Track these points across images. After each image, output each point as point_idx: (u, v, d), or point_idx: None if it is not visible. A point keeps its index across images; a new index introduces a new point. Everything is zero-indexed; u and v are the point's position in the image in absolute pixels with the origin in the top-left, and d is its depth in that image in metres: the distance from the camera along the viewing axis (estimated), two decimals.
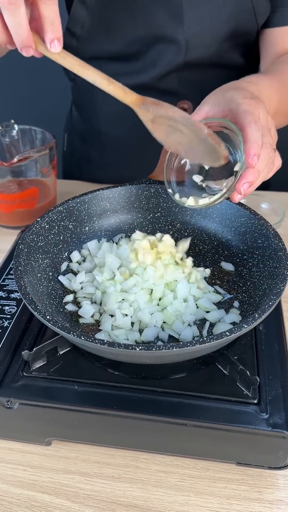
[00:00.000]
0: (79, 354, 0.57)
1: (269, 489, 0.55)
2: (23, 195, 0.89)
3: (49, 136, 0.92)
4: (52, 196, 0.93)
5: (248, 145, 0.52)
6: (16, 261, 0.56)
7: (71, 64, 0.52)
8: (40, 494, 0.55)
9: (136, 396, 0.52)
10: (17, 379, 0.55)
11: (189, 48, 0.84)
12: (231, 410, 0.51)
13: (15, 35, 0.49)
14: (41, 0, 0.48)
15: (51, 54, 0.51)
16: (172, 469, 0.56)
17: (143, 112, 0.54)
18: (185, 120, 0.53)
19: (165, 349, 0.45)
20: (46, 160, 0.88)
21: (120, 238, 0.70)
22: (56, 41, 0.50)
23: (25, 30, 0.49)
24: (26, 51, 0.51)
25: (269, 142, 0.55)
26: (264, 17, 0.84)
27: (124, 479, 0.56)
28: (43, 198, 0.92)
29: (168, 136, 0.55)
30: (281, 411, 0.51)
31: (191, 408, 0.52)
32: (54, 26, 0.49)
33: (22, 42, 0.49)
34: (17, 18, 0.47)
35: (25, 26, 0.48)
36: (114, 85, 0.53)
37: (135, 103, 0.54)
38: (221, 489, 0.55)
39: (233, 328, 0.47)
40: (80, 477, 0.56)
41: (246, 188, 0.53)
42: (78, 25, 0.86)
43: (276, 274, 0.55)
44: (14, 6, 0.47)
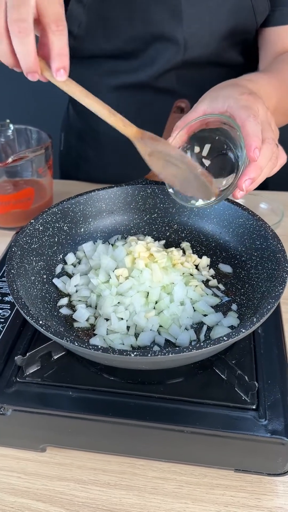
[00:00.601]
0: (74, 359, 0.56)
1: (268, 496, 0.53)
2: (19, 196, 0.88)
3: (44, 136, 0.90)
4: (48, 196, 0.92)
5: (248, 138, 0.52)
6: (9, 264, 0.55)
7: (74, 92, 0.53)
8: (35, 502, 0.53)
9: (132, 402, 0.51)
10: (10, 384, 0.53)
11: (188, 46, 0.83)
12: (229, 416, 0.50)
13: (22, 61, 0.50)
14: (50, 29, 0.49)
15: (56, 82, 0.52)
16: (169, 476, 0.55)
17: (141, 146, 0.55)
18: (181, 157, 0.55)
19: (161, 355, 0.44)
20: (42, 160, 0.87)
21: (116, 239, 0.69)
22: (62, 70, 0.51)
23: (32, 57, 0.49)
24: (32, 76, 0.52)
25: (271, 137, 0.55)
26: (263, 15, 0.83)
27: (120, 486, 0.55)
28: (39, 198, 0.90)
29: (164, 169, 0.56)
30: (280, 417, 0.50)
31: (188, 414, 0.51)
32: (61, 56, 0.50)
33: (29, 68, 0.50)
34: (25, 46, 0.48)
35: (33, 54, 0.49)
36: (115, 117, 0.54)
37: (134, 136, 0.55)
38: (219, 496, 0.53)
39: (231, 333, 0.46)
40: (75, 484, 0.55)
41: (248, 184, 0.52)
42: (75, 24, 0.85)
43: (274, 277, 0.54)
44: (24, 34, 0.48)
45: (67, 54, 0.50)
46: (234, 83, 0.61)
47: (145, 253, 0.60)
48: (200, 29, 0.83)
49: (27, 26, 0.48)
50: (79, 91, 0.53)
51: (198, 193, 0.57)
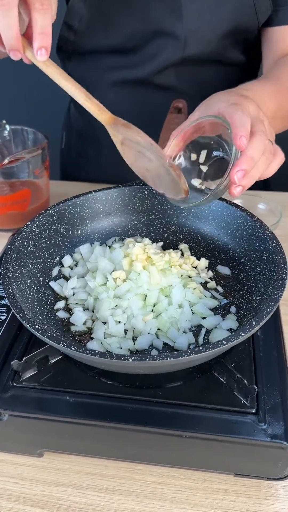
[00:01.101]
0: (71, 363, 0.55)
1: (268, 500, 0.53)
2: (15, 197, 0.87)
3: (41, 137, 0.90)
4: (44, 197, 0.92)
5: (235, 129, 0.51)
6: (5, 267, 0.54)
7: (53, 73, 0.52)
8: (32, 508, 0.53)
9: (130, 407, 0.51)
10: (7, 389, 0.53)
11: (188, 43, 0.83)
12: (228, 420, 0.50)
13: (4, 37, 0.49)
14: (34, 7, 0.48)
15: (37, 62, 0.51)
16: (168, 481, 0.55)
17: (113, 132, 0.55)
18: (149, 146, 0.54)
19: (159, 359, 0.43)
20: (39, 161, 0.86)
21: (113, 241, 0.68)
22: (43, 50, 0.50)
23: (14, 32, 0.48)
24: (14, 54, 0.50)
25: (262, 130, 0.54)
26: (265, 15, 0.83)
27: (118, 491, 0.54)
28: (35, 199, 0.90)
29: (136, 161, 0.56)
30: (280, 421, 0.50)
31: (187, 419, 0.50)
32: (43, 35, 0.49)
33: (11, 45, 0.49)
34: (7, 19, 0.47)
35: (15, 29, 0.48)
36: (91, 101, 0.54)
37: (107, 122, 0.55)
38: (218, 501, 0.53)
39: (230, 337, 0.45)
40: (73, 490, 0.54)
41: (240, 176, 0.51)
42: (76, 19, 0.85)
43: (273, 279, 0.53)
44: (6, 7, 0.47)
45: (50, 33, 0.50)
46: (228, 91, 0.61)
47: (142, 255, 0.59)
48: (201, 26, 0.82)
49: (11, 0, 0.47)
50: (58, 73, 0.52)
51: (169, 189, 0.56)
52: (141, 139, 0.54)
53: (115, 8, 0.81)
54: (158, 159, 0.54)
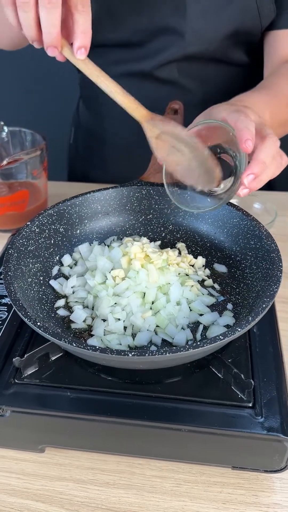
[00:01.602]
0: (71, 360, 0.56)
1: (266, 493, 0.54)
2: (13, 198, 0.88)
3: (39, 138, 0.91)
4: (43, 198, 0.93)
5: (240, 133, 0.53)
6: (6, 266, 0.55)
7: (91, 71, 0.56)
8: (34, 502, 0.54)
9: (130, 402, 0.52)
10: (9, 386, 0.54)
11: (191, 41, 0.84)
12: (226, 414, 0.51)
13: (46, 33, 0.52)
14: (77, 9, 0.52)
15: (75, 60, 0.55)
16: (168, 474, 0.56)
17: (150, 128, 0.57)
18: (189, 139, 0.55)
19: (158, 354, 0.44)
20: (37, 162, 0.87)
21: (111, 240, 0.69)
22: (83, 49, 0.54)
23: (57, 29, 0.52)
24: (52, 51, 0.54)
25: (271, 132, 0.55)
26: (268, 18, 0.84)
27: (119, 485, 0.55)
28: (34, 200, 0.91)
29: (168, 156, 0.57)
30: (276, 414, 0.51)
31: (186, 413, 0.51)
32: (84, 34, 0.53)
33: (51, 41, 0.53)
34: (51, 16, 0.51)
35: (58, 26, 0.52)
36: (128, 98, 0.56)
37: (144, 118, 0.57)
38: (217, 494, 0.54)
39: (226, 332, 0.47)
40: (74, 484, 0.55)
41: (251, 179, 0.53)
42: None
43: (269, 276, 0.55)
44: (52, 5, 0.50)
45: (90, 34, 0.53)
46: (226, 103, 0.63)
47: (141, 254, 0.60)
48: (204, 25, 0.83)
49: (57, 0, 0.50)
50: (97, 70, 0.55)
51: (200, 180, 0.57)
52: (182, 132, 0.55)
53: (122, 3, 0.83)
54: (192, 151, 0.55)
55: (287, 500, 0.53)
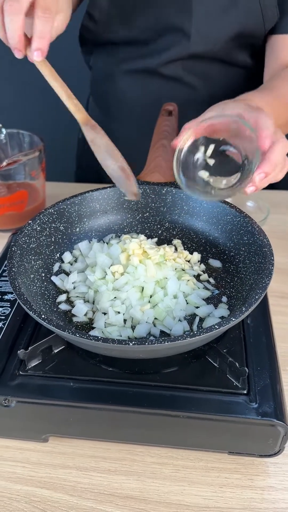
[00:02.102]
0: (73, 352, 0.58)
1: (260, 476, 0.57)
2: (12, 198, 0.90)
3: (37, 139, 0.93)
4: (41, 198, 0.95)
5: (261, 131, 0.55)
6: (10, 263, 0.57)
7: (45, 72, 0.60)
8: (39, 489, 0.56)
9: (131, 391, 0.54)
10: (14, 378, 0.56)
11: (195, 41, 0.87)
12: (222, 401, 0.53)
13: (9, 37, 0.57)
14: (37, 14, 0.56)
15: (33, 61, 0.59)
16: (167, 461, 0.58)
17: (86, 132, 0.62)
18: (107, 147, 0.61)
19: (158, 343, 0.46)
20: (35, 163, 0.89)
21: (110, 238, 0.71)
22: (39, 52, 0.57)
23: (17, 35, 0.56)
24: (17, 53, 0.58)
25: (283, 137, 0.58)
26: (272, 22, 0.86)
27: (120, 472, 0.57)
28: (32, 201, 0.93)
29: (104, 160, 0.62)
30: (270, 400, 0.53)
31: (184, 400, 0.53)
32: (41, 39, 0.56)
33: (14, 44, 0.57)
34: (13, 24, 0.55)
35: (18, 32, 0.56)
36: (71, 101, 0.60)
37: (82, 121, 0.61)
38: (214, 478, 0.57)
39: (222, 321, 0.49)
40: (77, 472, 0.57)
41: (261, 178, 0.55)
42: (96, 9, 0.91)
43: (261, 269, 0.57)
44: (14, 13, 0.55)
45: (47, 38, 0.57)
46: (234, 99, 0.65)
47: (139, 250, 0.63)
48: (208, 26, 0.86)
49: (18, 7, 0.55)
50: (49, 72, 0.59)
51: (126, 190, 0.62)
52: (102, 141, 0.61)
53: (132, 2, 0.87)
54: (114, 160, 0.61)
55: (281, 483, 0.56)
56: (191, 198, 0.70)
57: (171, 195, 0.71)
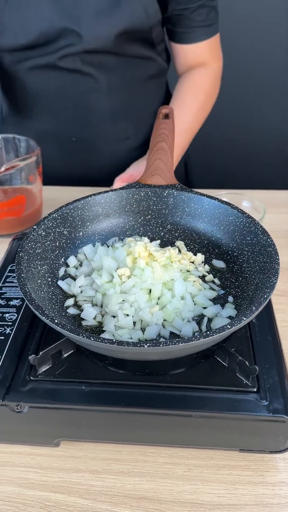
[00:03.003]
0: (82, 356, 0.59)
1: (271, 472, 0.58)
2: (10, 203, 0.90)
3: (33, 144, 0.93)
4: (38, 203, 0.95)
5: None
6: (18, 269, 0.57)
7: None
8: (53, 494, 0.56)
9: (143, 392, 0.55)
10: (25, 383, 0.56)
11: (87, 40, 0.94)
12: (233, 399, 0.54)
13: None
14: None
15: None
16: (178, 461, 0.59)
17: None
18: None
19: (172, 344, 0.47)
20: (32, 167, 0.90)
21: (113, 241, 0.72)
22: None
23: None
24: None
25: None
26: (155, 17, 0.97)
27: (133, 473, 0.58)
28: (30, 205, 0.93)
29: None
30: (280, 397, 0.54)
31: (195, 400, 0.54)
32: None
33: None
34: None
35: None
36: None
37: None
38: (226, 476, 0.57)
39: (233, 321, 0.50)
40: (90, 475, 0.58)
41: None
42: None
43: (267, 269, 0.58)
44: None
45: None
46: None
47: (145, 253, 0.63)
48: (97, 26, 0.93)
49: None
50: None
51: None
52: None
53: (23, 12, 0.92)
54: None
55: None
56: (193, 200, 0.71)
57: (172, 197, 0.72)
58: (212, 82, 1.09)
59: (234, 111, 1.81)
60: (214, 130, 1.79)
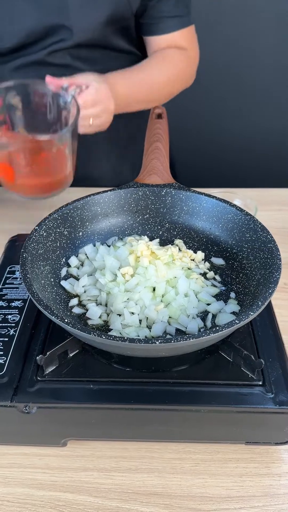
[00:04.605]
0: (88, 355, 0.59)
1: (276, 463, 0.59)
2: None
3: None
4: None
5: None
6: (23, 270, 0.57)
7: None
8: (63, 493, 0.56)
9: (151, 389, 0.55)
10: (32, 384, 0.56)
11: (76, 32, 0.95)
12: (239, 393, 0.55)
13: None
14: None
15: None
16: (185, 456, 0.59)
17: None
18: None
19: (183, 340, 0.48)
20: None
21: (113, 240, 0.72)
22: None
23: None
24: None
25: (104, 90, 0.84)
26: (136, 3, 0.98)
27: (141, 470, 0.58)
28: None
29: None
30: (284, 390, 0.56)
31: (203, 395, 0.55)
32: None
33: None
34: None
35: None
36: None
37: None
38: (233, 469, 0.58)
39: (241, 316, 0.51)
40: (99, 473, 0.58)
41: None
42: None
43: (269, 265, 0.59)
44: None
45: None
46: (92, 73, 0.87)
47: (147, 251, 0.64)
48: (85, 17, 0.94)
49: None
50: None
51: None
52: None
53: (8, 14, 0.92)
54: None
55: None
56: (191, 199, 0.72)
57: (170, 196, 0.73)
58: (185, 61, 1.06)
59: (223, 110, 1.82)
60: (202, 130, 1.81)
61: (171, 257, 0.64)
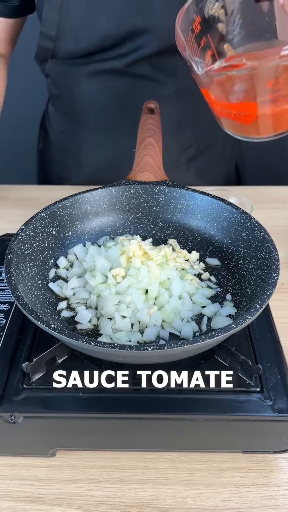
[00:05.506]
0: (77, 361, 0.56)
1: (275, 473, 0.56)
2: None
3: None
4: None
5: None
6: (8, 271, 0.54)
7: None
8: (51, 507, 0.53)
9: (143, 397, 0.53)
10: (18, 392, 0.53)
11: (161, 37, 0.87)
12: (236, 400, 0.53)
13: None
14: None
15: None
16: (180, 465, 0.57)
17: None
18: None
19: (177, 346, 0.45)
20: None
21: (104, 240, 0.69)
22: None
23: None
24: None
25: None
26: None
27: (134, 480, 0.56)
28: None
29: None
30: (283, 396, 0.53)
31: (198, 403, 0.53)
32: None
33: None
34: None
35: None
36: None
37: None
38: (229, 479, 0.56)
39: (238, 320, 0.48)
40: (89, 485, 0.55)
41: None
42: (52, 27, 0.87)
43: (266, 265, 0.57)
44: None
45: None
46: None
47: (139, 252, 0.61)
48: (168, 19, 0.85)
49: None
50: None
51: None
52: None
53: (89, 12, 0.84)
54: None
55: None
56: (185, 196, 0.70)
57: (163, 194, 0.70)
58: None
59: None
60: None
61: (164, 258, 0.61)
